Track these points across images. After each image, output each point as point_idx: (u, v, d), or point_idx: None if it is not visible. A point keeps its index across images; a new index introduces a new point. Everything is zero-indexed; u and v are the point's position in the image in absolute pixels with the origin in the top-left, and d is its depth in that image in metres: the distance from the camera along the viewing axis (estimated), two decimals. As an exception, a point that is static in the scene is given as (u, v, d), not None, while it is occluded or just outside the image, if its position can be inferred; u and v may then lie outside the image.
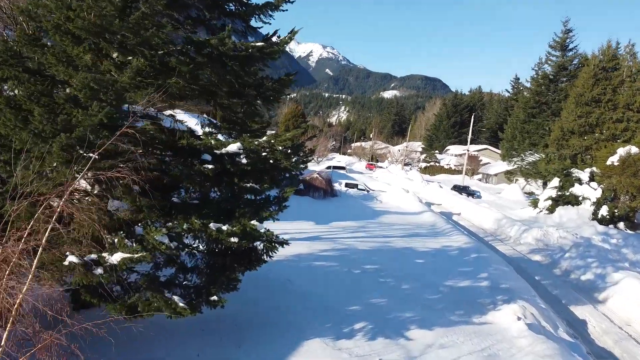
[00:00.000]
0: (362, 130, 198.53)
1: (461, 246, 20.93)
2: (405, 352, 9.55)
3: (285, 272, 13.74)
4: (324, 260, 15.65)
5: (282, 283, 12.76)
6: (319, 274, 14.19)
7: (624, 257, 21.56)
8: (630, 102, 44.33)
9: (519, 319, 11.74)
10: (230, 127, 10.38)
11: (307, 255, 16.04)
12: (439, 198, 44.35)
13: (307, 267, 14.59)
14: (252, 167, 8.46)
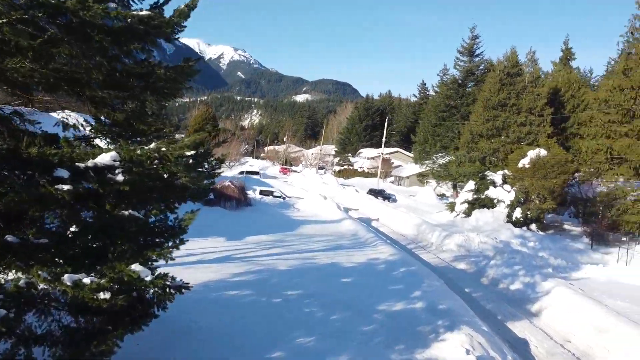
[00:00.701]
0: (275, 134, 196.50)
1: (388, 259, 19.41)
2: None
3: (189, 308, 11.14)
4: (238, 288, 13.21)
5: (185, 325, 10.20)
6: (232, 308, 11.75)
7: (547, 262, 21.27)
8: (532, 106, 46.13)
9: (467, 352, 10.15)
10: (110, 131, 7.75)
11: (216, 283, 13.51)
12: (356, 203, 43.32)
13: (216, 300, 12.07)
14: (132, 185, 5.94)
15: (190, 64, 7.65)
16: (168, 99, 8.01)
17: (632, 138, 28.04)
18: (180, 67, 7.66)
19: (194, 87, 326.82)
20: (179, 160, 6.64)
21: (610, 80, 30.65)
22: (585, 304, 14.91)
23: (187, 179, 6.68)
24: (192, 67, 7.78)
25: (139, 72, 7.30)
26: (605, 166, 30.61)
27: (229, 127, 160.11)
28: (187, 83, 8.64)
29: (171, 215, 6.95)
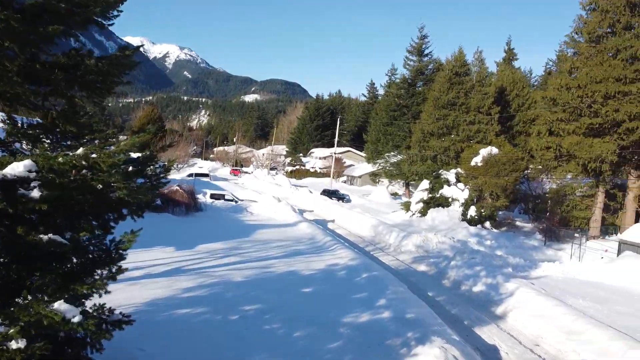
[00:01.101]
0: (224, 134, 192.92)
1: (348, 264, 18.62)
2: None
3: (135, 333, 9.75)
4: (190, 306, 11.96)
5: (130, 356, 8.91)
6: (184, 329, 10.52)
7: (506, 261, 21.15)
8: (480, 105, 46.96)
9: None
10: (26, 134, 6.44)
11: (166, 301, 12.20)
12: (310, 204, 42.49)
13: (166, 322, 10.81)
14: (52, 203, 4.73)
15: (127, 53, 6.46)
16: (101, 95, 6.75)
17: (579, 135, 28.66)
18: (114, 57, 6.47)
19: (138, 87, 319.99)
20: (116, 168, 5.48)
21: (557, 79, 31.29)
22: (550, 306, 14.64)
23: (122, 192, 5.52)
24: (130, 57, 6.59)
25: (65, 64, 6.08)
26: (554, 163, 31.23)
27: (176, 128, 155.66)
28: (125, 77, 7.41)
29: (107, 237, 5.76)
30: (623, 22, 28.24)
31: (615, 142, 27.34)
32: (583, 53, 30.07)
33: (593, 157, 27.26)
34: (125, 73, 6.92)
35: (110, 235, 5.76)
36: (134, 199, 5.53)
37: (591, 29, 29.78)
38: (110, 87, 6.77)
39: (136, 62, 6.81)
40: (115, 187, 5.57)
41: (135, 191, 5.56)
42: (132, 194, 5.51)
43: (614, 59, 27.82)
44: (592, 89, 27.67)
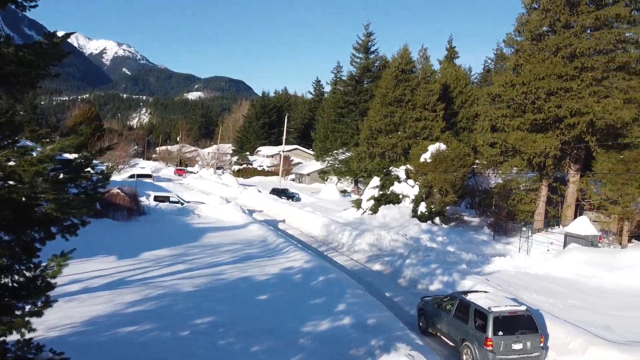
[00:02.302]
0: (167, 134, 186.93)
1: (303, 266, 17.97)
2: None
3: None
4: (135, 323, 10.91)
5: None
6: (129, 351, 9.50)
7: (459, 257, 21.20)
8: (426, 102, 47.48)
9: (412, 377, 8.97)
10: None
11: (108, 318, 11.09)
12: (259, 204, 41.51)
13: (108, 343, 9.73)
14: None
15: (54, 40, 5.48)
16: (23, 90, 5.73)
17: (524, 131, 29.34)
18: (39, 45, 5.48)
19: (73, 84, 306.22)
20: (42, 176, 4.56)
21: (502, 76, 31.91)
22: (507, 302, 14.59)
23: (54, 204, 4.58)
24: (58, 46, 5.60)
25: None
26: (500, 158, 31.89)
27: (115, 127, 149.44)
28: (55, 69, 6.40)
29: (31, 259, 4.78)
30: (563, 21, 29.10)
31: (557, 138, 28.16)
32: (526, 51, 30.81)
33: (537, 152, 27.96)
34: (54, 64, 5.92)
35: (35, 259, 4.80)
36: (64, 214, 4.60)
37: (533, 27, 30.54)
38: (34, 80, 5.76)
39: (65, 53, 5.83)
40: (43, 198, 4.64)
41: (67, 204, 4.64)
42: (62, 208, 4.60)
43: (555, 57, 28.62)
44: (535, 85, 28.36)
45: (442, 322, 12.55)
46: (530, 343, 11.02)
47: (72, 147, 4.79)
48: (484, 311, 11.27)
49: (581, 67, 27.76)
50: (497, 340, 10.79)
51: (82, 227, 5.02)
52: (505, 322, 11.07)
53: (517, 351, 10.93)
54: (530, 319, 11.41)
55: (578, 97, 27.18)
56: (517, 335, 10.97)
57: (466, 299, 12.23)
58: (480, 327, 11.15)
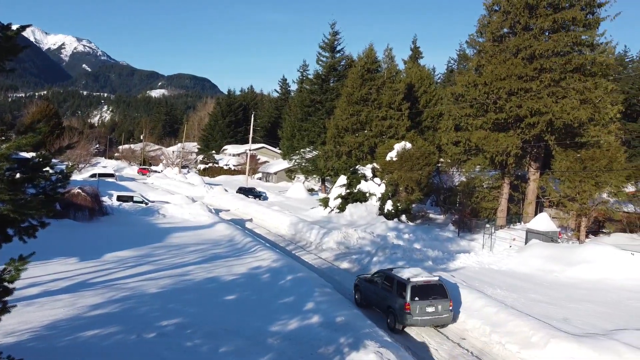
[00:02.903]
0: (130, 132, 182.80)
1: (271, 265, 17.88)
2: None
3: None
4: (98, 326, 10.61)
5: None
6: (93, 355, 9.23)
7: (425, 254, 21.54)
8: (391, 101, 48.01)
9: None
10: None
11: (69, 322, 10.75)
12: (226, 203, 41.08)
13: (70, 348, 9.44)
14: None
15: (9, 34, 5.26)
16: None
17: (486, 130, 30.04)
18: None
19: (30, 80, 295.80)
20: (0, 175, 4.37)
21: (465, 76, 32.58)
22: (473, 299, 14.95)
23: (10, 205, 4.40)
24: (13, 40, 5.39)
25: None
26: (464, 157, 32.56)
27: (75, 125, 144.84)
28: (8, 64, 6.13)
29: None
30: (522, 23, 29.93)
31: (518, 137, 28.97)
32: (487, 52, 31.56)
33: (499, 151, 28.69)
34: (9, 59, 5.68)
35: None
36: (22, 215, 4.42)
37: (494, 28, 31.30)
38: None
39: (21, 47, 5.60)
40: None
41: (25, 205, 4.46)
42: (20, 209, 4.41)
43: (516, 58, 29.43)
44: (496, 85, 29.08)
45: (373, 293, 14.86)
46: (441, 306, 13.36)
47: (30, 145, 4.60)
48: (403, 281, 13.60)
49: (540, 68, 28.62)
50: (414, 305, 13.07)
51: (42, 229, 4.83)
52: (421, 290, 13.41)
53: (430, 313, 13.25)
54: (441, 287, 13.80)
55: (537, 97, 28.02)
56: (430, 300, 13.30)
57: (391, 273, 14.58)
58: (401, 295, 13.38)
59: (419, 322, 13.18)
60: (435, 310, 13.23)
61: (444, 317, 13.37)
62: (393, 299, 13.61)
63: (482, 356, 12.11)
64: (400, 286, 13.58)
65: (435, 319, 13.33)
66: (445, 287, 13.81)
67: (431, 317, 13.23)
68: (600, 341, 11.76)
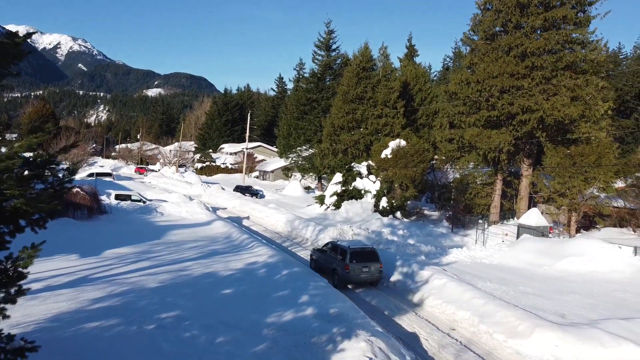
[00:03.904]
0: (127, 131, 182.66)
1: (267, 261, 18.30)
2: None
3: (38, 356, 8.79)
4: (100, 318, 11.01)
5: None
6: (95, 345, 9.63)
7: (419, 249, 21.99)
8: (386, 99, 48.41)
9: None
10: None
11: (72, 315, 11.15)
12: (223, 202, 41.47)
13: (73, 338, 9.84)
14: None
15: (16, 40, 5.64)
16: None
17: (479, 127, 30.49)
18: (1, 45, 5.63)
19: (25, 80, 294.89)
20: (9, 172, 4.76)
21: (458, 75, 33.03)
22: (463, 291, 15.38)
23: (22, 199, 4.80)
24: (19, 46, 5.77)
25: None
26: (457, 154, 33.00)
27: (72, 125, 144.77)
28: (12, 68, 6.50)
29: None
30: (514, 22, 30.37)
31: (510, 134, 29.43)
32: (480, 50, 32.01)
33: (492, 148, 29.17)
34: (15, 63, 6.07)
35: (5, 251, 4.99)
36: (33, 207, 4.82)
37: (486, 27, 31.76)
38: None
39: (25, 52, 5.99)
40: (9, 194, 4.84)
41: (35, 199, 4.85)
42: (30, 203, 4.80)
43: (507, 56, 29.89)
44: (489, 83, 29.53)
45: (323, 260, 18.52)
46: (373, 268, 17.10)
47: (35, 145, 4.99)
48: (345, 248, 17.41)
49: (531, 66, 29.07)
50: (352, 266, 16.77)
51: (51, 220, 5.22)
52: (358, 255, 17.11)
53: (365, 272, 17.00)
54: (374, 253, 17.58)
55: (529, 94, 28.49)
56: (364, 263, 16.98)
57: (336, 243, 18.56)
58: (343, 259, 17.04)
59: (355, 280, 16.95)
60: (368, 270, 17.01)
61: (375, 276, 17.30)
62: (337, 262, 17.26)
63: (471, 345, 12.55)
64: (343, 252, 17.31)
65: (369, 277, 17.09)
66: (377, 253, 17.57)
67: (365, 276, 17.00)
68: (584, 330, 12.22)
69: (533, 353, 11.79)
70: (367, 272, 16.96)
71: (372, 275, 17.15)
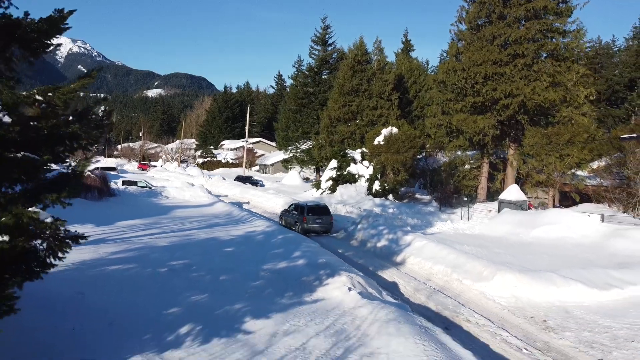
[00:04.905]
0: (128, 131, 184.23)
1: (265, 230, 20.10)
2: (250, 349, 7.99)
3: (71, 284, 10.63)
4: (119, 264, 12.82)
5: (71, 298, 9.73)
6: (117, 279, 11.44)
7: (405, 222, 23.75)
8: (381, 91, 50.09)
9: (349, 289, 11.27)
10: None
11: (95, 261, 12.94)
12: (225, 190, 43.21)
13: (98, 275, 11.64)
14: (21, 128, 5.72)
15: (64, 14, 7.42)
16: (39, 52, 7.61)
17: (466, 113, 32.21)
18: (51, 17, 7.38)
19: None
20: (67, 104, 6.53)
21: (445, 64, 34.76)
22: (439, 249, 17.15)
23: (76, 127, 6.57)
24: (65, 19, 7.54)
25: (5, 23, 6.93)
26: (446, 139, 34.76)
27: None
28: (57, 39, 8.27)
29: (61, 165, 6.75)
30: (497, 12, 32.07)
31: (494, 118, 31.16)
32: (466, 40, 33.74)
33: (477, 131, 30.90)
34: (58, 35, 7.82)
35: (64, 164, 6.75)
36: (85, 132, 6.59)
37: (472, 18, 33.48)
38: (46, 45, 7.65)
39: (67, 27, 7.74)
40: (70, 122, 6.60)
41: (87, 125, 6.64)
42: (83, 128, 6.59)
43: (491, 45, 31.60)
44: (474, 71, 31.24)
45: (289, 217, 23.70)
46: (325, 220, 22.53)
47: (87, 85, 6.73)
48: (303, 205, 22.98)
49: (514, 54, 30.75)
50: (309, 218, 22.08)
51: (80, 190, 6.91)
52: (313, 209, 22.69)
53: (318, 223, 22.31)
54: (326, 208, 23.33)
55: (511, 80, 30.20)
56: (318, 216, 22.41)
57: (298, 202, 24.43)
58: (302, 213, 22.42)
59: (312, 229, 22.09)
60: (321, 222, 22.34)
61: (326, 226, 22.54)
62: (299, 216, 22.54)
63: (443, 290, 14.30)
64: (302, 208, 22.79)
65: (321, 227, 22.31)
66: (328, 209, 23.44)
67: (318, 226, 22.27)
68: (540, 274, 14.00)
69: (495, 293, 13.55)
70: (320, 222, 22.23)
71: (324, 226, 22.37)
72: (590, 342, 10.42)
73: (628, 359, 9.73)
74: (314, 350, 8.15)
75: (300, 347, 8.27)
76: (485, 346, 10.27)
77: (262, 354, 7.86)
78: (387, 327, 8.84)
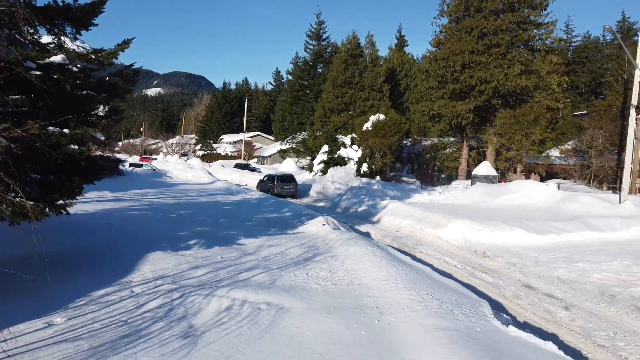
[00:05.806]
0: (128, 129, 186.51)
1: (260, 197, 22.80)
2: (242, 251, 10.68)
3: (100, 219, 13.34)
4: (137, 211, 15.54)
5: (103, 226, 12.44)
6: (136, 218, 14.15)
7: (386, 193, 26.42)
8: (373, 83, 52.66)
9: (323, 225, 13.97)
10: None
11: (116, 210, 15.66)
12: (224, 175, 45.82)
13: (122, 216, 14.36)
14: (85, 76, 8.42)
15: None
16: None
17: (446, 99, 34.90)
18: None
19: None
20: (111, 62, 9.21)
21: (428, 54, 37.43)
22: (409, 208, 19.86)
23: (117, 79, 9.26)
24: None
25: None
26: (429, 124, 37.45)
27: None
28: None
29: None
30: (475, 6, 34.75)
31: (472, 103, 33.84)
32: (447, 31, 36.41)
33: (455, 115, 33.59)
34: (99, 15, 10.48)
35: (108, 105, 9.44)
36: (124, 85, 9.28)
37: (452, 11, 36.15)
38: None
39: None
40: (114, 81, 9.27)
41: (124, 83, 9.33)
42: (122, 82, 9.27)
43: (469, 36, 34.25)
44: (453, 60, 33.90)
45: (264, 185, 29.24)
46: (292, 186, 28.40)
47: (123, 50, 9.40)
48: (274, 175, 29.20)
49: (489, 44, 33.41)
50: (279, 184, 27.78)
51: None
52: (282, 178, 28.75)
53: (286, 189, 27.87)
54: (292, 177, 29.69)
55: (486, 68, 32.87)
56: (286, 183, 28.27)
57: (271, 173, 30.72)
58: (273, 181, 28.20)
59: (281, 193, 27.23)
60: (288, 187, 28.06)
61: (292, 191, 28.26)
62: (271, 184, 28.13)
63: (407, 238, 17.01)
64: (273, 177, 28.97)
65: (289, 192, 27.94)
66: (294, 177, 29.94)
67: (286, 191, 27.75)
68: (488, 221, 16.70)
69: (449, 236, 16.24)
70: (288, 188, 28.00)
71: (291, 191, 28.10)
72: (514, 264, 13.11)
73: (541, 273, 12.41)
74: (290, 254, 10.85)
75: (280, 252, 10.96)
76: (430, 265, 12.96)
77: (251, 255, 10.56)
78: (348, 242, 11.56)
